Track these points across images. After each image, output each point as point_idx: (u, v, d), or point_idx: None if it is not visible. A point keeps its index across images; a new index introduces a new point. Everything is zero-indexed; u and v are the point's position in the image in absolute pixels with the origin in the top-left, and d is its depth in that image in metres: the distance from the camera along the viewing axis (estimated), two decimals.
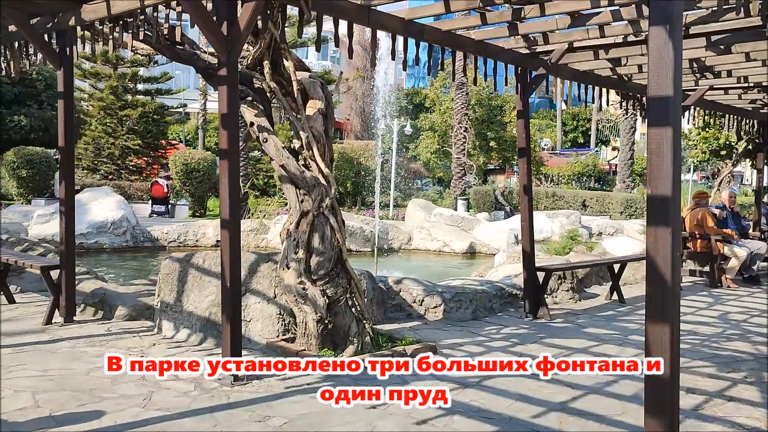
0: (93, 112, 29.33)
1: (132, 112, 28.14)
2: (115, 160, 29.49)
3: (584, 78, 7.77)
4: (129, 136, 28.53)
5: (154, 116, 30.32)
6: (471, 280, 7.72)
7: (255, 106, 5.35)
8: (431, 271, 12.40)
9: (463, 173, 23.54)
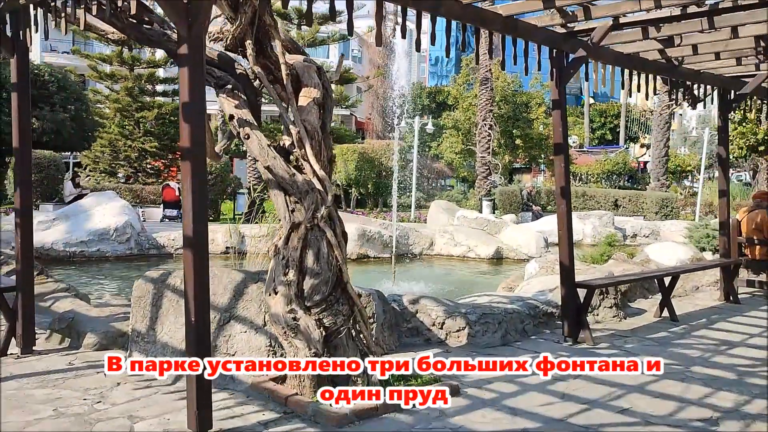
0: (109, 114, 28.83)
1: (148, 114, 27.56)
2: (132, 163, 28.97)
3: (628, 62, 6.72)
4: (146, 138, 27.99)
5: (171, 117, 29.74)
6: (499, 297, 6.71)
7: (236, 95, 4.42)
8: (454, 280, 11.41)
9: (488, 173, 22.48)
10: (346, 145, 28.00)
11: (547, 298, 6.76)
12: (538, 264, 8.15)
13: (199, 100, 3.49)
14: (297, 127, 4.30)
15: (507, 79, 28.21)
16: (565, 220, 5.94)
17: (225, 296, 4.80)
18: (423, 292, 9.82)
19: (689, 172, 34.41)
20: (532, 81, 30.03)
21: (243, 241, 13.33)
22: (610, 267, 8.58)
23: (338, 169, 27.21)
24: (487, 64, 22.02)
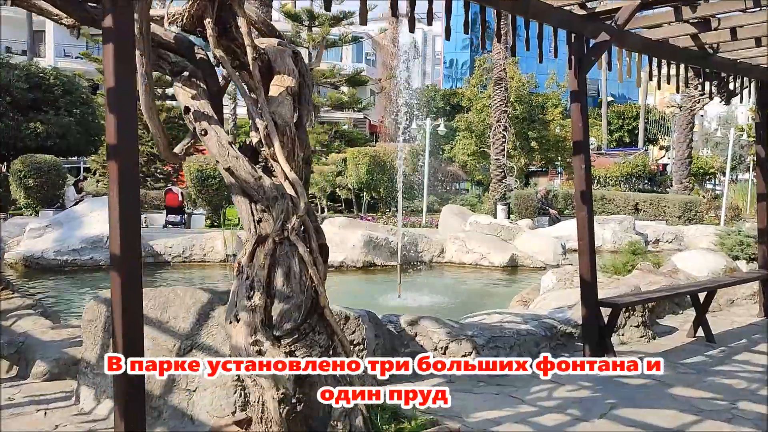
0: None
1: None
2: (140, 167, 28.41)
3: (657, 50, 5.95)
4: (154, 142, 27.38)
5: (180, 121, 29.25)
6: (511, 315, 5.96)
7: (193, 84, 3.72)
8: (465, 290, 10.66)
9: (503, 176, 21.68)
10: (357, 149, 27.35)
11: (566, 316, 6.00)
12: (555, 276, 7.39)
13: (127, 87, 2.80)
14: (264, 121, 3.59)
15: (522, 80, 27.40)
16: (586, 229, 5.18)
17: (187, 320, 4.11)
18: (430, 304, 9.10)
19: (712, 174, 33.32)
20: (548, 81, 29.18)
21: None
22: (635, 279, 7.79)
23: (349, 173, 26.56)
24: (501, 64, 21.24)
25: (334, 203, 28.97)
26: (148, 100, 3.48)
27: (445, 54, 73.55)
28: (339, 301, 9.61)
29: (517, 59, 29.56)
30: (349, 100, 34.58)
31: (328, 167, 28.09)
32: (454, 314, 8.52)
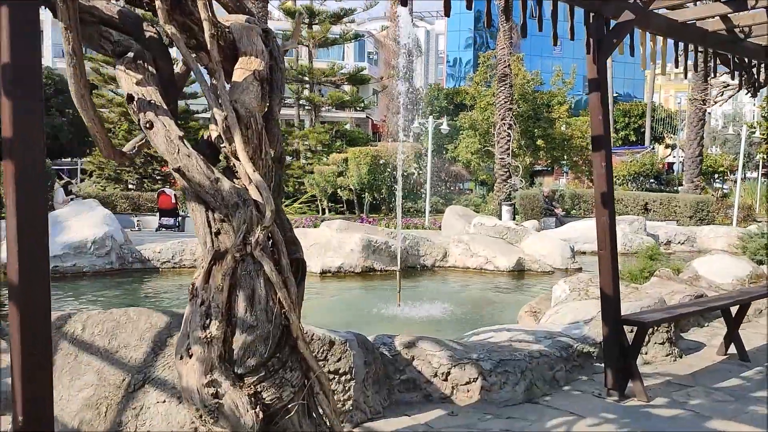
0: (114, 118, 27.90)
1: None
2: (138, 169, 27.99)
3: (682, 33, 5.30)
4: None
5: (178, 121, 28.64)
6: (522, 332, 5.29)
7: (140, 67, 3.08)
8: (469, 298, 10.00)
9: (508, 175, 21.01)
10: (358, 148, 26.73)
11: (583, 333, 5.34)
12: (567, 285, 6.73)
13: (30, 60, 2.16)
14: (223, 111, 2.95)
15: (527, 76, 26.71)
16: (607, 236, 4.53)
17: (140, 349, 3.47)
18: (431, 315, 8.46)
19: (722, 173, 32.57)
20: (553, 78, 28.49)
21: None
22: (655, 288, 7.14)
23: (350, 173, 25.95)
24: (506, 60, 20.57)
25: (336, 204, 28.35)
26: (78, 86, 2.86)
27: (449, 52, 72.92)
28: (334, 311, 9.00)
29: (522, 55, 28.91)
30: (350, 99, 33.97)
31: (329, 168, 27.48)
32: (458, 327, 7.89)
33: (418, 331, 7.96)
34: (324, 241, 12.25)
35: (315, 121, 34.08)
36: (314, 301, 9.62)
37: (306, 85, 33.46)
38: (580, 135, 28.18)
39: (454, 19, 71.24)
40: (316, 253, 12.07)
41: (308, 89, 33.46)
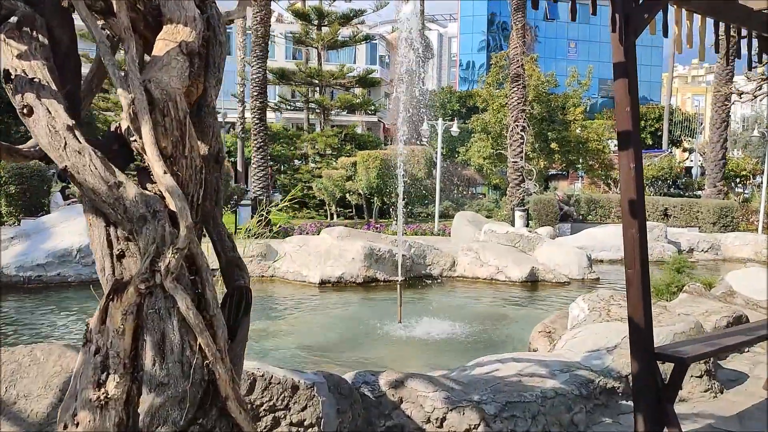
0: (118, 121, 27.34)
1: None
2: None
3: (724, 12, 4.50)
4: None
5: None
6: (533, 363, 4.50)
7: (25, 36, 2.35)
8: (477, 314, 9.20)
9: (521, 179, 20.17)
10: (367, 152, 26.01)
11: (606, 364, 4.55)
12: (586, 304, 5.93)
13: None
14: (130, 92, 2.21)
15: (541, 77, 25.85)
16: (637, 252, 3.73)
17: (45, 400, 2.74)
18: (434, 333, 7.68)
19: (744, 177, 31.47)
20: (569, 79, 27.60)
21: None
22: (685, 306, 6.31)
23: (359, 178, 25.25)
24: (519, 59, 19.76)
25: (345, 209, 27.65)
26: None
27: (462, 56, 72.11)
28: (329, 328, 8.23)
29: (536, 56, 28.06)
30: (359, 101, 33.29)
31: (338, 172, 26.80)
32: (463, 349, 7.10)
33: (419, 353, 7.21)
34: (324, 249, 11.51)
35: (324, 124, 33.42)
36: (309, 317, 8.89)
37: (315, 88, 32.84)
38: (596, 138, 27.27)
39: (466, 22, 70.55)
40: (316, 262, 11.35)
41: (318, 92, 32.84)
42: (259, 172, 17.34)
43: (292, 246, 11.88)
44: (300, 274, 11.37)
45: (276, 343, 7.22)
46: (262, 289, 10.89)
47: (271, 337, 7.50)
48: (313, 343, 7.34)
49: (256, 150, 17.64)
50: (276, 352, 6.85)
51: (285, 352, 6.84)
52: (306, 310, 9.25)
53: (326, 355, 6.82)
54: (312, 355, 6.75)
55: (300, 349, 7.02)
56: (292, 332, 7.87)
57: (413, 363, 6.71)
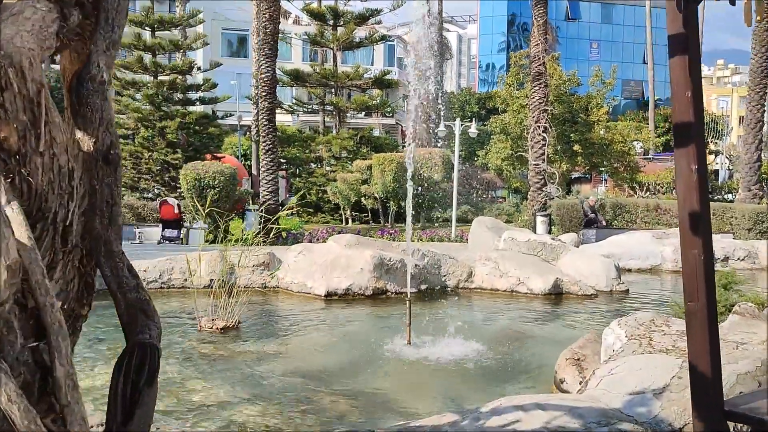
0: (131, 124, 27.00)
1: (170, 123, 25.53)
2: (155, 177, 27.02)
3: None
4: (168, 150, 25.99)
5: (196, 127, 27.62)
6: (562, 411, 3.64)
7: None
8: (495, 332, 8.33)
9: (543, 183, 19.24)
10: (382, 155, 25.24)
11: (653, 412, 3.68)
12: (623, 330, 5.05)
13: None
14: None
15: (563, 77, 24.89)
16: (701, 281, 2.88)
17: None
18: (446, 357, 6.84)
19: None
20: (592, 79, 26.61)
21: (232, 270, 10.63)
22: (738, 330, 5.40)
23: (374, 181, 24.51)
24: (541, 57, 18.85)
25: (360, 213, 26.91)
26: None
27: (481, 57, 71.13)
28: (331, 349, 7.34)
29: (558, 54, 27.11)
30: (375, 103, 32.54)
31: (353, 175, 26.08)
32: (478, 378, 6.25)
33: (428, 381, 6.33)
34: (330, 258, 10.71)
35: (340, 126, 32.72)
36: (310, 335, 8.08)
37: (331, 90, 32.15)
38: (621, 140, 26.24)
39: (486, 23, 69.57)
40: (321, 273, 10.55)
41: (333, 93, 32.14)
42: (268, 175, 16.65)
43: (296, 255, 11.11)
44: (304, 285, 10.59)
45: (270, 369, 6.44)
46: (264, 301, 10.13)
47: (266, 361, 6.72)
48: (311, 368, 6.55)
49: (265, 153, 16.95)
50: (267, 380, 6.07)
51: (277, 380, 6.05)
52: (308, 328, 8.46)
53: (324, 383, 6.02)
54: (307, 384, 5.95)
55: (295, 376, 6.22)
56: (289, 354, 7.08)
57: (420, 394, 5.89)
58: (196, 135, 28.30)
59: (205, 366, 6.44)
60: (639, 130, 30.46)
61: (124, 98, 27.61)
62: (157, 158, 26.54)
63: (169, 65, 28.08)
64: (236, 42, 55.68)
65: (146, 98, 25.90)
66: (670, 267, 14.66)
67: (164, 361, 6.58)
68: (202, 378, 6.06)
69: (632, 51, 69.06)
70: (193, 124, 27.13)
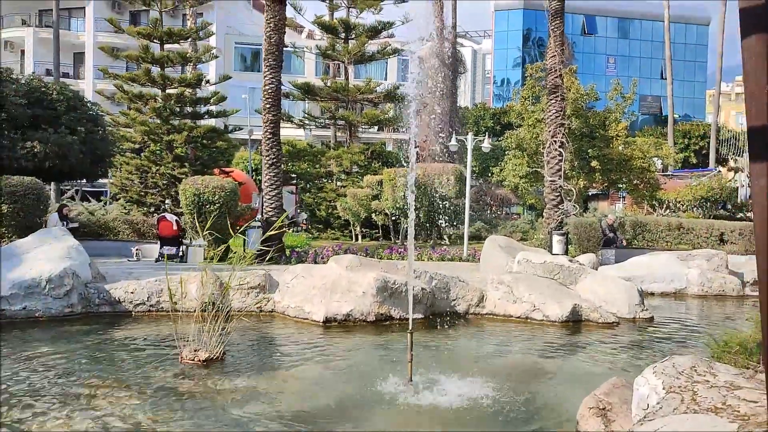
0: (137, 137, 26.51)
1: (177, 137, 25.05)
2: (161, 191, 26.45)
3: None
4: (175, 164, 25.44)
5: (203, 141, 27.08)
6: None
7: None
8: (506, 367, 7.50)
9: (560, 200, 18.37)
10: (393, 169, 24.54)
11: None
12: (660, 381, 4.22)
13: None
14: None
15: (580, 90, 24.08)
16: None
17: None
18: (450, 400, 6.02)
19: None
20: (611, 93, 25.76)
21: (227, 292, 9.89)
22: None
23: (385, 197, 23.80)
24: (557, 69, 18.06)
25: (371, 230, 26.17)
26: None
27: (496, 72, 70.36)
28: (322, 388, 6.39)
29: (575, 67, 26.30)
30: (386, 117, 31.90)
31: (363, 191, 25.37)
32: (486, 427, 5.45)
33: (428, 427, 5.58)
34: (331, 281, 9.96)
35: (351, 141, 32.07)
36: (303, 368, 7.28)
37: (342, 104, 31.56)
38: (640, 155, 25.32)
39: (501, 37, 68.96)
40: (320, 297, 9.80)
41: (344, 107, 31.54)
42: (271, 190, 15.94)
43: (294, 277, 10.36)
44: (302, 309, 9.82)
45: (257, 411, 5.67)
46: (257, 328, 9.37)
47: (248, 402, 5.94)
48: (300, 410, 5.78)
49: (268, 167, 16.26)
50: (245, 426, 5.29)
51: (262, 426, 5.28)
52: (301, 360, 7.67)
53: (313, 429, 5.26)
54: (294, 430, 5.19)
55: (282, 421, 5.45)
56: (275, 393, 6.29)
57: None
58: (205, 149, 27.79)
59: (177, 407, 5.67)
60: (659, 146, 29.51)
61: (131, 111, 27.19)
62: (164, 172, 26.02)
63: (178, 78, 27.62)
64: (250, 56, 55.53)
65: (153, 111, 25.42)
66: (696, 291, 13.74)
67: (128, 400, 5.85)
68: (170, 420, 5.30)
69: (649, 66, 68.06)
70: (200, 137, 26.60)
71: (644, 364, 7.50)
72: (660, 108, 66.69)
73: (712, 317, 11.59)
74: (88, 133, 21.22)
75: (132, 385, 6.22)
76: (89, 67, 50.84)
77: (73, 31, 52.24)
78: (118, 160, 24.10)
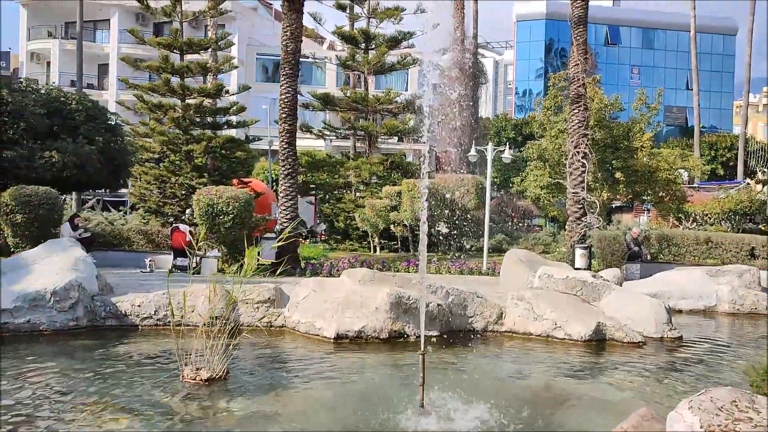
0: (156, 147, 26.47)
1: (196, 147, 24.98)
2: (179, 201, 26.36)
3: None
4: (194, 174, 25.33)
5: (222, 151, 26.96)
6: None
7: None
8: (529, 392, 7.04)
9: (583, 212, 17.85)
10: (412, 180, 24.16)
11: None
12: (696, 418, 3.76)
13: None
14: None
15: (604, 100, 23.54)
16: None
17: None
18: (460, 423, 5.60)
19: None
20: (636, 103, 25.16)
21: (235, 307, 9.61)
22: None
23: (404, 208, 23.41)
24: (580, 78, 17.60)
25: (389, 241, 25.79)
26: None
27: (518, 83, 69.84)
28: (326, 412, 6.10)
29: (599, 77, 25.79)
30: (405, 127, 31.58)
31: (381, 201, 25.03)
32: None
33: None
34: (343, 296, 9.59)
35: (370, 151, 31.80)
36: (310, 390, 6.90)
37: (362, 114, 31.33)
38: (666, 167, 24.66)
39: (523, 48, 68.43)
40: (332, 312, 9.42)
41: (364, 118, 31.30)
42: (287, 201, 15.67)
43: (306, 290, 10.01)
44: (313, 325, 9.46)
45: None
46: (266, 344, 9.02)
47: (248, 427, 5.58)
48: None
49: (284, 177, 16.00)
50: None
51: None
52: (308, 380, 7.29)
53: None
54: None
55: None
56: (282, 416, 5.93)
57: None
58: (225, 159, 27.66)
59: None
60: (685, 158, 28.78)
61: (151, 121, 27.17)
62: (183, 182, 25.90)
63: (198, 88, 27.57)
64: (271, 68, 55.68)
65: (172, 121, 25.35)
66: (726, 309, 13.15)
67: (116, 423, 5.52)
68: None
69: (675, 77, 67.02)
70: (219, 148, 26.47)
71: (674, 391, 7.03)
72: (685, 119, 65.58)
73: (745, 337, 11.02)
74: (107, 143, 21.18)
75: (125, 406, 5.90)
76: (113, 79, 51.33)
77: (98, 43, 52.81)
78: (138, 170, 24.04)
